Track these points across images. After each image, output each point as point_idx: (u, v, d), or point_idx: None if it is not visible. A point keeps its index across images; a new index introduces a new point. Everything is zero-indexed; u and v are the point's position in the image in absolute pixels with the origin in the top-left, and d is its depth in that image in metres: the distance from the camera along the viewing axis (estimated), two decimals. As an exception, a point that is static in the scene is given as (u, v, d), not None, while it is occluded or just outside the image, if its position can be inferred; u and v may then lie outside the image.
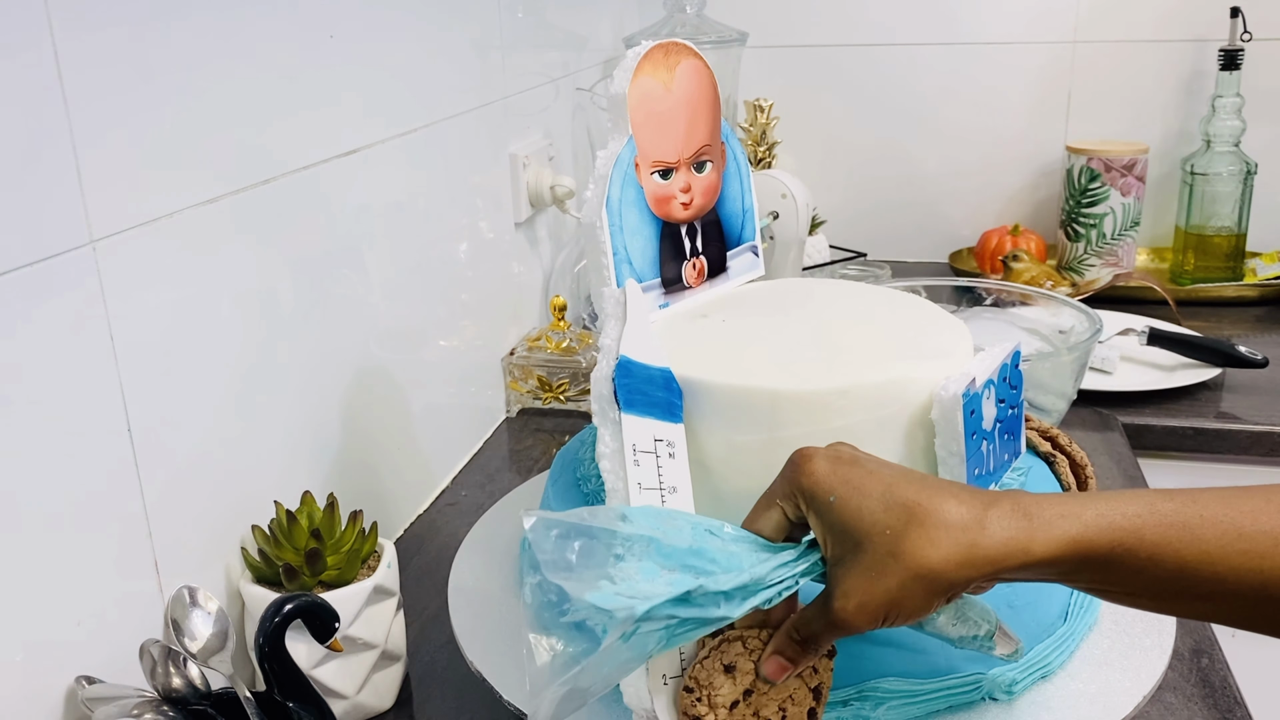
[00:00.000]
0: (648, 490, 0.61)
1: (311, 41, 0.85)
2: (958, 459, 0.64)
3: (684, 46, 0.73)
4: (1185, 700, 0.75)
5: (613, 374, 0.62)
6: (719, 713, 0.56)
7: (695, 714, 0.56)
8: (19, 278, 0.59)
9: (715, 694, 0.57)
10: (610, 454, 0.61)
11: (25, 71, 0.59)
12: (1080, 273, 1.63)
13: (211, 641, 0.68)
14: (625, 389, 0.62)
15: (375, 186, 0.95)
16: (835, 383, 0.64)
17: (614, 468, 0.61)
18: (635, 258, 0.72)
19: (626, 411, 0.61)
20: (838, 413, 0.64)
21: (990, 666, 0.65)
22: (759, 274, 0.81)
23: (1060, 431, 0.80)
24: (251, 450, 0.80)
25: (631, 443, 0.61)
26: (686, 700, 0.57)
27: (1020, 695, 0.65)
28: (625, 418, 0.61)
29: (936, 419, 0.64)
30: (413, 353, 1.04)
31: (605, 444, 0.61)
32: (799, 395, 0.64)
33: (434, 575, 0.94)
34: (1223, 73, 1.55)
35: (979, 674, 0.65)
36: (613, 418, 0.61)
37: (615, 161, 0.70)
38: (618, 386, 0.61)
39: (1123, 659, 0.68)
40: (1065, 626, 0.69)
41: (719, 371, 0.66)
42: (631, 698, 0.58)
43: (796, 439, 0.64)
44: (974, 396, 0.64)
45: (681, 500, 0.62)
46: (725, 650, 0.57)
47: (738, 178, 0.78)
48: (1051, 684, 0.66)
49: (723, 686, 0.57)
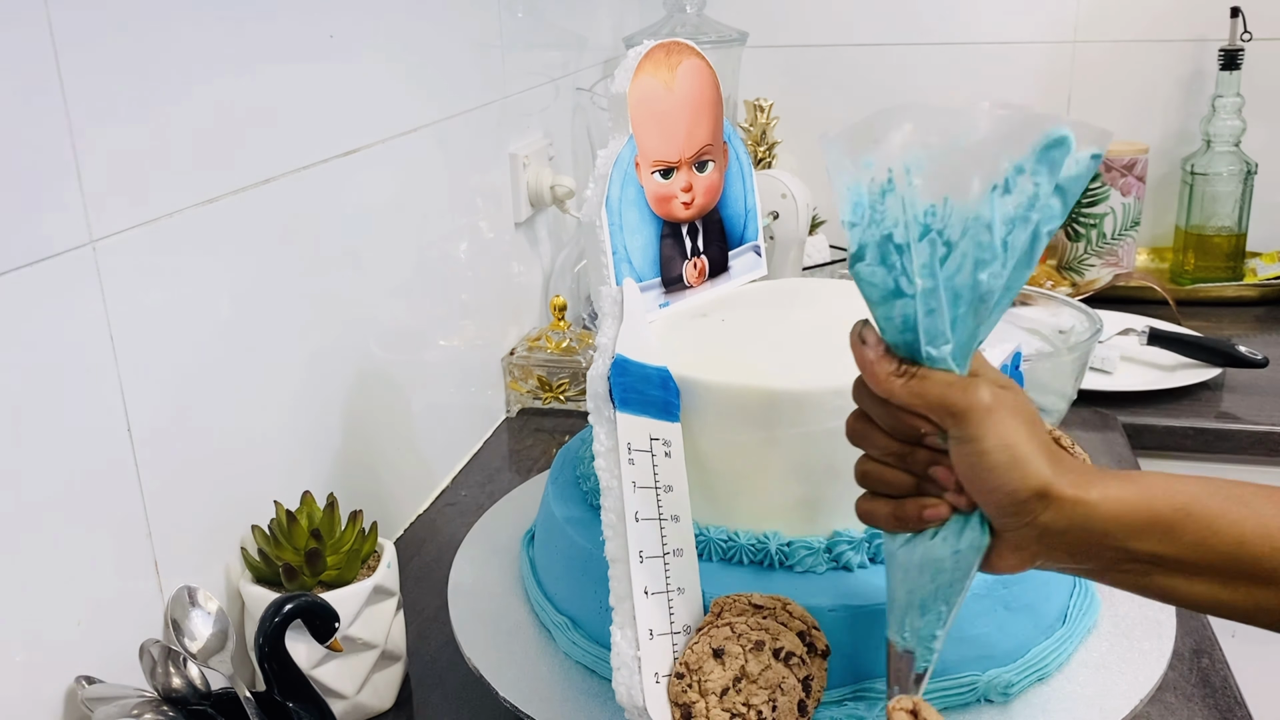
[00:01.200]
0: (642, 489, 0.61)
1: (311, 41, 0.85)
2: None
3: (686, 46, 0.73)
4: (1185, 700, 0.75)
5: (608, 372, 0.62)
6: (709, 699, 0.56)
7: (686, 701, 0.56)
8: (19, 278, 0.59)
9: (706, 679, 0.57)
10: (605, 452, 0.61)
11: (25, 71, 0.59)
12: (1080, 273, 1.63)
13: (211, 641, 0.68)
14: (620, 387, 0.62)
15: (375, 186, 0.95)
16: (832, 383, 0.64)
17: (609, 465, 0.61)
18: (635, 257, 0.72)
19: (622, 410, 0.61)
20: (834, 413, 0.64)
21: (986, 669, 0.65)
22: (761, 274, 0.81)
23: (1063, 434, 0.80)
24: (251, 450, 0.80)
25: (626, 441, 0.61)
26: (677, 687, 0.57)
27: (1017, 697, 0.65)
28: (620, 416, 0.61)
29: None
30: (413, 353, 1.04)
31: (600, 442, 0.62)
32: (795, 395, 0.64)
33: (434, 575, 0.94)
34: (1223, 73, 1.55)
35: (975, 675, 0.64)
36: (608, 416, 0.61)
37: (615, 161, 0.70)
38: (613, 385, 0.61)
39: (1121, 661, 0.68)
40: (1064, 629, 0.69)
41: (716, 371, 0.66)
42: (623, 696, 0.58)
43: (793, 438, 0.64)
44: None
45: (677, 499, 0.62)
46: (714, 635, 0.57)
47: (740, 178, 0.78)
48: (1048, 686, 0.66)
49: (713, 672, 0.57)
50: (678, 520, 0.62)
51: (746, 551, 0.66)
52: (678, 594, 0.60)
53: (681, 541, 0.62)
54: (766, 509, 0.66)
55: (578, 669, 0.69)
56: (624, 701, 0.58)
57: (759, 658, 0.58)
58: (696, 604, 0.61)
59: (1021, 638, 0.66)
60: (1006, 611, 0.65)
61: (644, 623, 0.58)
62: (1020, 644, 0.66)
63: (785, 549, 0.65)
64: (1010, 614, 0.65)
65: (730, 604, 0.60)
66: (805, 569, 0.65)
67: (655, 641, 0.58)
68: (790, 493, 0.66)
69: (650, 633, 0.58)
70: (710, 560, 0.67)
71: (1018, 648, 0.66)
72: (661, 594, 0.60)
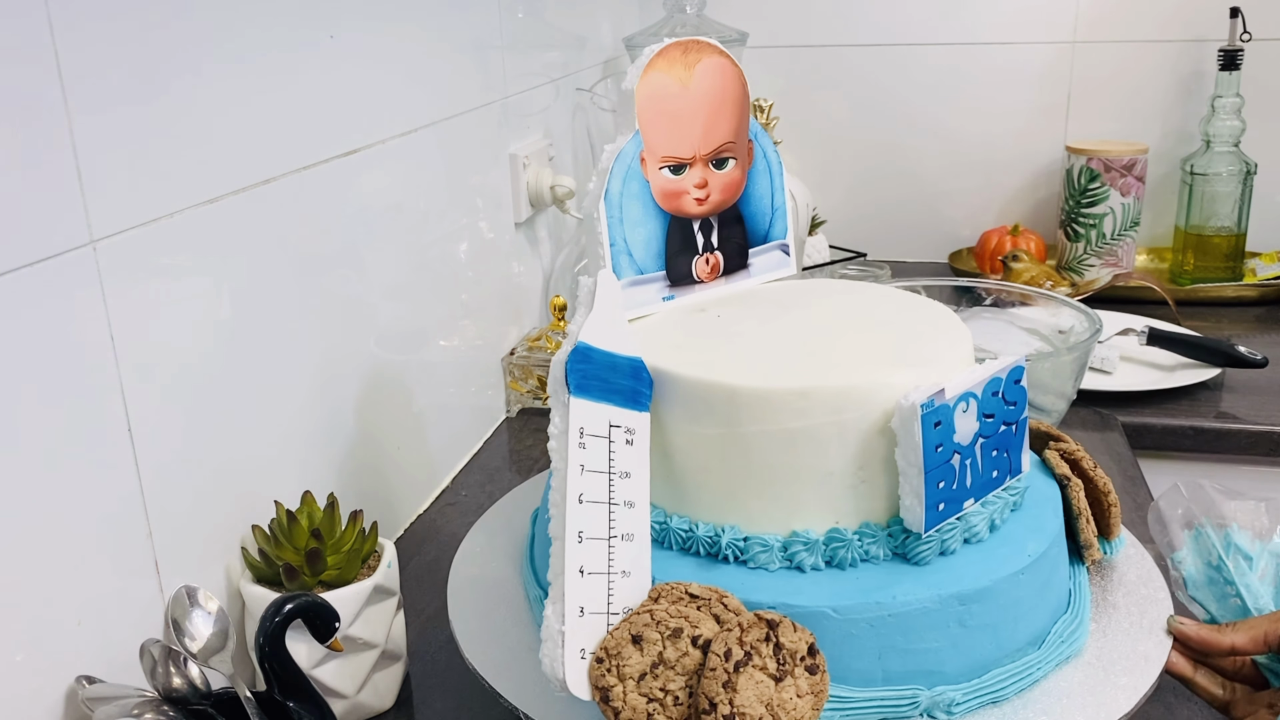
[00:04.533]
0: (592, 473, 0.61)
1: (311, 41, 0.85)
2: (916, 470, 0.63)
3: (708, 45, 0.73)
4: (1185, 700, 0.75)
5: (565, 358, 0.63)
6: (627, 684, 0.58)
7: (605, 685, 0.58)
8: (19, 278, 0.59)
9: (624, 664, 0.58)
10: (558, 435, 0.62)
11: (26, 71, 0.59)
12: (1080, 273, 1.63)
13: (212, 641, 0.68)
14: (579, 374, 0.62)
15: (375, 186, 0.95)
16: (795, 383, 0.64)
17: (559, 448, 0.62)
18: (637, 250, 0.72)
19: (578, 395, 0.62)
20: (797, 413, 0.64)
21: (934, 684, 0.63)
22: (789, 272, 0.81)
23: (1086, 455, 0.76)
24: (251, 450, 0.80)
25: (579, 426, 0.61)
26: (596, 671, 0.58)
27: (960, 717, 0.63)
28: (575, 401, 0.62)
29: (896, 428, 0.63)
30: (413, 353, 1.04)
31: (555, 425, 0.63)
32: (757, 393, 0.64)
33: (434, 575, 0.94)
34: (1222, 73, 1.55)
35: (917, 689, 0.63)
36: (563, 400, 0.62)
37: (618, 155, 0.70)
38: (569, 370, 0.62)
39: (1088, 694, 0.65)
40: (1037, 654, 0.67)
41: (685, 364, 0.66)
42: (546, 667, 0.59)
43: (755, 435, 0.65)
44: (940, 409, 0.63)
45: (634, 486, 0.63)
46: (634, 621, 0.59)
47: (767, 175, 0.78)
48: (1000, 710, 0.64)
49: (631, 657, 0.58)
50: (632, 506, 0.63)
51: (703, 543, 0.66)
52: (621, 577, 0.61)
53: (634, 527, 0.62)
54: (727, 503, 0.67)
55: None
56: (547, 672, 0.59)
57: (676, 644, 0.59)
58: (643, 588, 0.62)
59: (977, 657, 0.64)
60: (961, 629, 0.63)
61: (574, 600, 0.59)
62: (976, 664, 0.64)
63: (740, 544, 0.66)
64: (966, 631, 0.64)
65: (667, 591, 0.62)
66: (757, 565, 0.65)
67: (586, 619, 0.59)
68: (750, 489, 0.66)
69: (581, 610, 0.59)
70: (670, 549, 0.67)
71: (972, 668, 0.64)
72: (601, 575, 0.60)
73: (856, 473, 0.65)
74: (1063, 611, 0.70)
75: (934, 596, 0.63)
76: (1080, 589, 0.73)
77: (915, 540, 0.65)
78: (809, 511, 0.66)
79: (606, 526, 0.61)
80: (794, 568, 0.65)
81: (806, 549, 0.65)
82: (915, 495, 0.63)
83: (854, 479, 0.65)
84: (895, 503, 0.66)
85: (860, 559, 0.66)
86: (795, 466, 0.65)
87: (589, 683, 0.59)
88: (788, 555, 0.65)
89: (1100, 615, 0.72)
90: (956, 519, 0.66)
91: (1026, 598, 0.67)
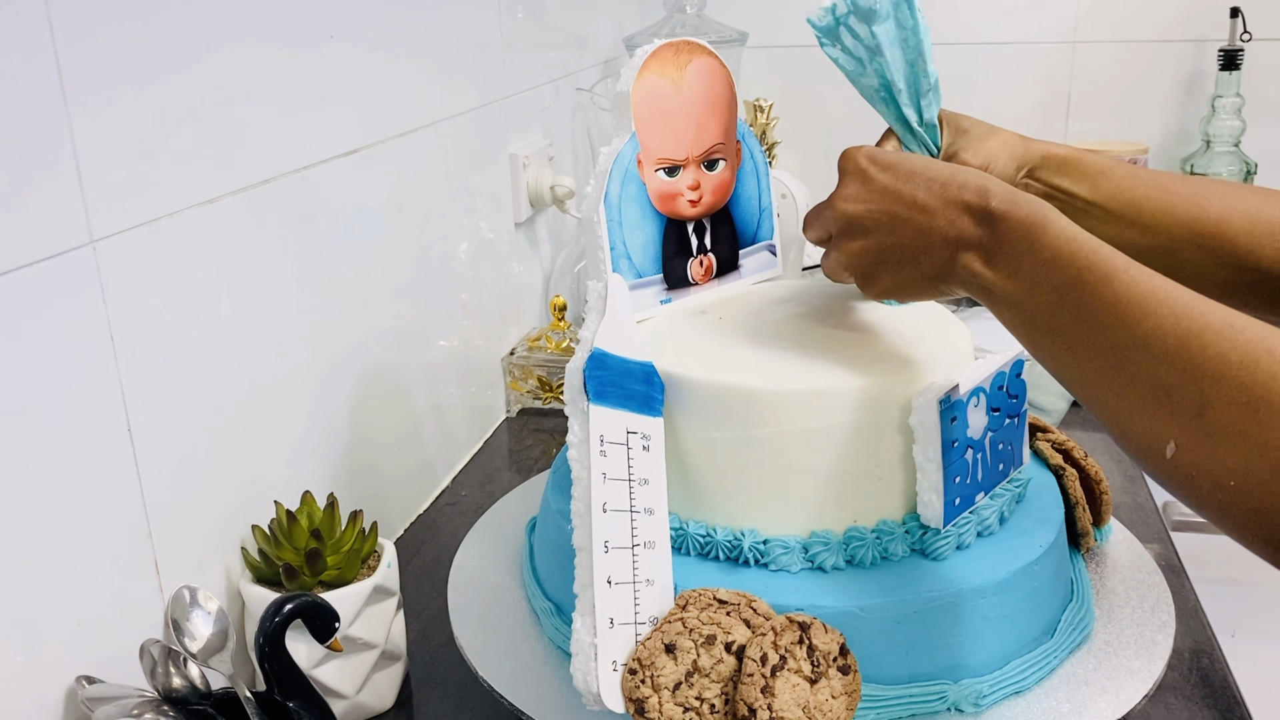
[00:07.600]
0: (614, 481, 0.61)
1: (311, 41, 0.85)
2: (935, 466, 0.63)
3: (697, 45, 0.73)
4: (1185, 700, 0.75)
5: (583, 365, 0.62)
6: (662, 694, 0.57)
7: (639, 696, 0.57)
8: (19, 278, 0.59)
9: (658, 674, 0.57)
10: (578, 443, 0.62)
11: (25, 71, 0.59)
12: (1080, 273, 1.63)
13: (211, 641, 0.68)
14: (597, 380, 0.62)
15: (375, 186, 0.95)
16: (811, 384, 0.64)
17: (580, 457, 0.61)
18: (635, 253, 0.72)
19: (597, 403, 0.62)
20: (814, 414, 0.64)
21: (959, 678, 0.64)
22: (776, 273, 0.81)
23: (1076, 445, 0.79)
24: (251, 450, 0.80)
25: (599, 433, 0.61)
26: (630, 682, 0.57)
27: (988, 709, 0.64)
28: (594, 409, 0.61)
29: (914, 425, 0.64)
30: (413, 353, 1.04)
31: (574, 433, 0.62)
32: (774, 395, 0.64)
33: (434, 575, 0.94)
34: (1222, 73, 1.55)
35: (946, 684, 0.64)
36: (582, 408, 0.62)
37: (616, 158, 0.70)
38: (588, 378, 0.62)
39: (1106, 680, 0.67)
40: (1050, 643, 0.68)
41: (699, 368, 0.66)
42: (579, 681, 0.58)
43: (772, 437, 0.65)
44: (956, 404, 0.63)
45: (653, 493, 0.63)
46: (665, 630, 0.58)
47: (754, 176, 0.78)
48: (1024, 700, 0.65)
49: (665, 666, 0.57)
50: (652, 513, 0.63)
51: (722, 547, 0.66)
52: (646, 585, 0.61)
53: (654, 534, 0.62)
54: (744, 506, 0.67)
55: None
56: (580, 687, 0.59)
57: (710, 652, 0.58)
58: (667, 596, 0.62)
59: (999, 649, 0.65)
60: (984, 621, 0.64)
61: (604, 611, 0.59)
62: (998, 655, 0.65)
63: (760, 547, 0.66)
64: (988, 624, 0.64)
65: (695, 598, 0.61)
66: (779, 568, 0.65)
67: (616, 630, 0.59)
68: (768, 491, 0.66)
69: (611, 621, 0.59)
70: (688, 555, 0.67)
71: (995, 659, 0.65)
72: (627, 584, 0.60)
73: (873, 471, 0.65)
74: (1069, 600, 0.71)
75: (957, 591, 0.63)
76: (1081, 576, 0.74)
77: (934, 535, 0.65)
78: (827, 511, 0.66)
79: (630, 535, 0.61)
80: (815, 568, 0.65)
81: (828, 549, 0.65)
82: (935, 490, 0.64)
83: (871, 477, 0.66)
84: (910, 499, 0.66)
85: (880, 557, 0.66)
86: (813, 467, 0.65)
87: (622, 695, 0.58)
88: (809, 556, 0.65)
89: (1101, 601, 0.73)
90: (970, 513, 0.67)
91: (1041, 588, 0.68)
